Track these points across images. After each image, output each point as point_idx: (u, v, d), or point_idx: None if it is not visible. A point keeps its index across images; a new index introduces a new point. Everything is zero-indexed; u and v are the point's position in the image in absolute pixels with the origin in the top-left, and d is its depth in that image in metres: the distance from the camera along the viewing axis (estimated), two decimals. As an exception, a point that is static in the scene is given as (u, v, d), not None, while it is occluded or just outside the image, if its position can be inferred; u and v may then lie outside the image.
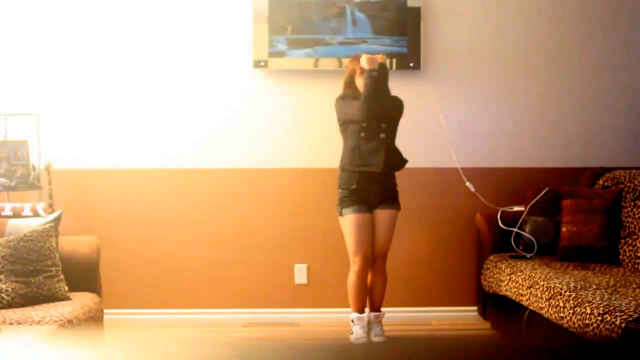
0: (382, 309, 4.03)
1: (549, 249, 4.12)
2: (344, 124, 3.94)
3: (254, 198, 4.52)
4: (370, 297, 4.00)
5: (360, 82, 3.85)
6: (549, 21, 4.56)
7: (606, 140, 4.61)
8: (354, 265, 3.88)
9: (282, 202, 4.48)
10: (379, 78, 3.81)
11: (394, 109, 3.96)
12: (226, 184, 4.51)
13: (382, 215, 3.92)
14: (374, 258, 3.93)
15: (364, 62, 3.84)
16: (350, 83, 3.94)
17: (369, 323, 3.99)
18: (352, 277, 3.90)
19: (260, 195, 4.51)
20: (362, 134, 3.86)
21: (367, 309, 4.02)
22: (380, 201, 3.92)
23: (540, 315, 3.46)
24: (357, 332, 3.92)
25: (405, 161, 4.01)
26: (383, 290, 4.00)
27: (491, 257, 4.18)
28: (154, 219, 4.48)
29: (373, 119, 3.84)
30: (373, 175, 3.87)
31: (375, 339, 3.95)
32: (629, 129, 4.61)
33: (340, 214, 3.91)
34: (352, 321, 3.94)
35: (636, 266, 3.82)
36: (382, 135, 3.88)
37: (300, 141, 4.48)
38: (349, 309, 3.97)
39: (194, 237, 4.50)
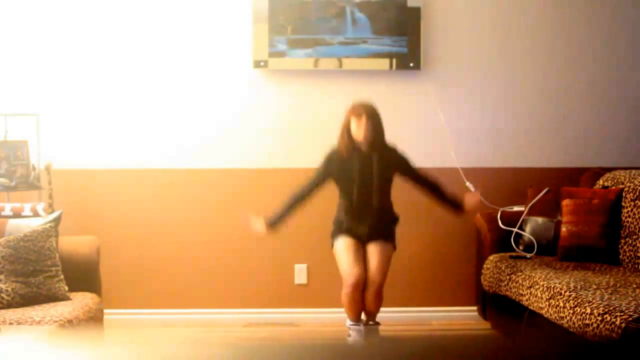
0: (381, 309, 4.02)
1: (549, 249, 4.12)
2: (338, 183, 3.89)
3: (254, 198, 4.52)
4: (365, 312, 3.91)
5: (354, 126, 3.76)
6: (549, 21, 4.56)
7: (606, 140, 4.61)
8: (345, 287, 3.77)
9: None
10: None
11: (388, 164, 3.87)
12: (226, 184, 4.51)
13: (373, 248, 3.82)
14: (368, 283, 3.77)
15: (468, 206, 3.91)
16: (346, 129, 3.82)
17: (365, 324, 3.95)
18: (344, 296, 3.80)
19: (260, 195, 4.51)
20: (354, 197, 3.82)
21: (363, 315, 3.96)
22: (372, 238, 3.84)
23: (540, 315, 3.46)
24: (355, 338, 3.87)
25: (397, 219, 3.97)
26: (378, 309, 3.89)
27: (491, 257, 4.18)
28: (154, 219, 4.48)
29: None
30: (364, 220, 3.83)
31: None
32: (629, 129, 4.61)
33: (332, 246, 3.88)
34: (350, 328, 3.91)
35: (636, 266, 3.81)
36: (374, 195, 3.83)
37: (301, 141, 4.48)
38: (361, 324, 3.97)
39: (194, 237, 4.50)
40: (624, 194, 4.02)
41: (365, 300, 3.83)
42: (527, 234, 4.19)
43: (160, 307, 4.49)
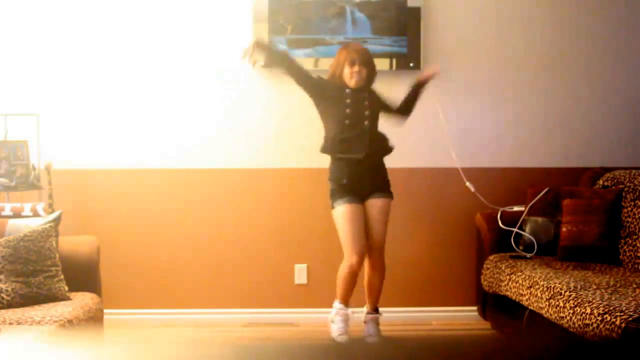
0: (380, 309, 4.03)
1: (549, 249, 4.12)
2: (327, 108, 3.90)
3: (254, 198, 4.52)
4: (369, 294, 3.96)
5: (347, 73, 3.82)
6: (549, 21, 4.56)
7: (606, 140, 4.61)
8: (348, 261, 3.78)
9: (282, 202, 4.48)
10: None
11: (376, 104, 3.95)
12: (226, 184, 4.51)
13: (375, 204, 3.85)
14: (369, 250, 3.85)
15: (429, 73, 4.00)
16: (337, 70, 3.87)
17: (366, 322, 3.99)
18: (344, 271, 3.80)
19: (260, 195, 4.51)
20: (347, 122, 3.83)
21: (365, 307, 4.02)
22: (371, 190, 3.86)
23: (540, 315, 3.46)
24: (337, 326, 3.87)
25: (391, 147, 3.97)
26: (381, 285, 3.94)
27: (491, 257, 4.18)
28: (154, 219, 4.48)
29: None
30: (362, 165, 3.82)
31: (369, 340, 3.89)
32: (629, 129, 4.61)
33: (333, 207, 3.86)
34: (335, 311, 3.88)
35: (636, 266, 3.82)
36: (366, 123, 3.84)
37: (301, 141, 4.48)
38: (349, 309, 3.96)
39: (194, 237, 4.50)
40: (624, 194, 4.02)
41: (367, 268, 3.87)
42: (527, 234, 4.19)
43: (160, 307, 4.49)
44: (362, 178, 3.84)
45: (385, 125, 4.11)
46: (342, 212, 3.79)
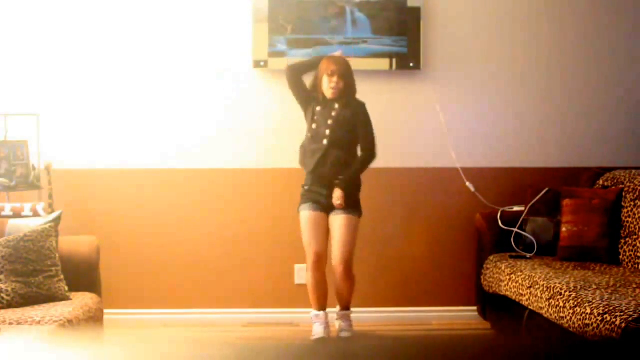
0: (381, 309, 4.03)
1: (549, 249, 4.12)
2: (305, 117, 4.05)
3: (254, 198, 4.52)
4: (338, 300, 4.02)
5: (325, 83, 3.91)
6: (549, 21, 4.56)
7: (606, 140, 4.61)
8: (308, 263, 3.92)
9: (282, 202, 4.48)
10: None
11: (358, 118, 3.97)
12: (226, 184, 4.51)
13: (335, 220, 3.91)
14: (335, 265, 3.88)
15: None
16: (318, 80, 3.96)
17: (337, 319, 4.04)
18: (307, 275, 3.95)
19: (260, 195, 4.51)
20: (309, 135, 3.98)
21: (337, 307, 4.06)
22: (332, 206, 3.92)
23: (540, 315, 3.46)
24: (315, 329, 3.95)
25: (355, 181, 3.97)
26: (350, 293, 3.97)
27: (491, 257, 4.18)
28: (154, 219, 4.48)
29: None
30: (323, 179, 3.92)
31: (342, 334, 3.97)
32: (629, 129, 4.61)
33: (298, 211, 3.98)
34: (312, 319, 3.97)
35: (636, 266, 3.82)
36: (325, 142, 3.92)
37: (301, 141, 4.47)
38: (324, 312, 3.98)
39: (194, 237, 4.50)
40: (624, 194, 4.02)
41: (335, 281, 3.92)
42: (527, 234, 4.19)
43: (160, 307, 4.48)
44: (321, 191, 3.93)
45: (386, 126, 4.12)
46: (302, 218, 3.94)
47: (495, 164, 4.57)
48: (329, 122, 3.92)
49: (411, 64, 4.45)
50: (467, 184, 4.46)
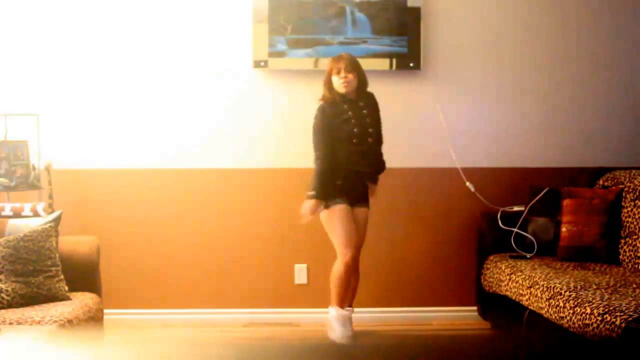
0: (380, 309, 4.04)
1: (549, 249, 4.12)
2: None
3: (254, 198, 4.52)
4: (352, 294, 4.09)
5: (336, 81, 3.93)
6: (549, 21, 4.56)
7: (606, 140, 4.61)
8: (344, 257, 3.92)
9: (282, 202, 4.48)
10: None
11: (374, 109, 4.07)
12: (226, 184, 4.51)
13: (360, 212, 4.03)
14: (356, 252, 4.01)
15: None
16: (328, 82, 3.98)
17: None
18: (341, 269, 3.93)
19: (260, 195, 4.51)
20: (355, 140, 3.94)
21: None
22: (358, 200, 4.02)
23: (540, 315, 3.46)
24: (341, 331, 3.93)
25: (384, 166, 4.14)
26: (357, 286, 4.09)
27: (491, 257, 4.18)
28: (154, 219, 4.48)
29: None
30: (357, 175, 3.99)
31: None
32: (629, 129, 4.62)
33: (327, 207, 3.94)
34: (335, 318, 3.95)
35: (636, 266, 3.82)
36: (370, 140, 3.99)
37: (301, 141, 4.47)
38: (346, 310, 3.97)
39: (194, 237, 4.50)
40: (624, 194, 4.02)
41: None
42: (527, 234, 4.19)
43: (160, 307, 4.49)
44: (355, 185, 4.00)
45: (386, 125, 4.12)
46: (338, 212, 3.94)
47: (495, 164, 4.57)
48: (368, 120, 3.98)
49: (411, 64, 4.45)
50: (467, 184, 4.46)
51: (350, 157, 3.94)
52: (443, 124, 4.47)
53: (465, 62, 4.54)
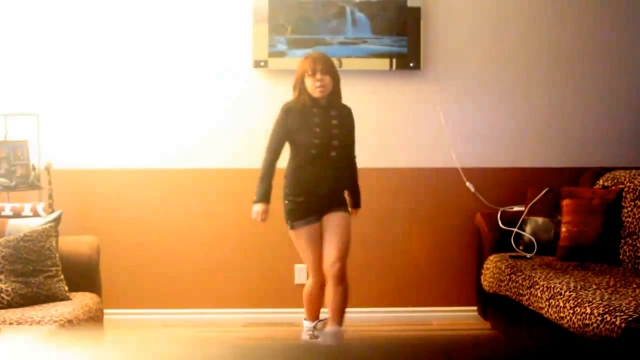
0: (380, 309, 4.02)
1: (549, 249, 4.12)
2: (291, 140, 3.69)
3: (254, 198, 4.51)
4: (330, 311, 3.70)
5: (310, 84, 3.57)
6: (549, 21, 4.56)
7: (606, 140, 4.61)
8: (311, 279, 3.75)
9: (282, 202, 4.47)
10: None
11: (347, 120, 3.69)
12: (226, 184, 4.51)
13: (333, 218, 3.63)
14: (330, 264, 3.61)
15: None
16: (300, 84, 3.63)
17: (325, 336, 3.76)
18: (307, 287, 3.78)
19: (260, 195, 4.51)
20: (313, 151, 3.60)
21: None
22: (330, 206, 3.64)
23: (540, 315, 3.46)
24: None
25: (354, 187, 3.78)
26: (344, 301, 3.67)
27: (491, 257, 4.18)
28: (154, 219, 4.48)
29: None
30: (315, 194, 3.62)
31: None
32: (629, 129, 4.61)
33: (292, 228, 3.66)
34: (304, 331, 3.85)
35: (636, 266, 3.82)
36: (334, 154, 3.60)
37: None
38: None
39: (194, 237, 4.50)
40: (624, 194, 4.02)
41: (328, 290, 3.67)
42: (527, 234, 4.19)
43: (160, 307, 4.48)
44: (320, 198, 3.63)
45: (386, 124, 4.12)
46: (302, 234, 3.65)
47: (495, 164, 4.57)
48: (335, 131, 3.61)
49: (411, 64, 4.45)
50: (467, 184, 4.46)
51: (306, 171, 3.60)
52: (443, 124, 4.47)
53: (466, 62, 4.54)
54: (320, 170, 3.60)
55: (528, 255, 4.07)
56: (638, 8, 4.59)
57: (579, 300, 3.16)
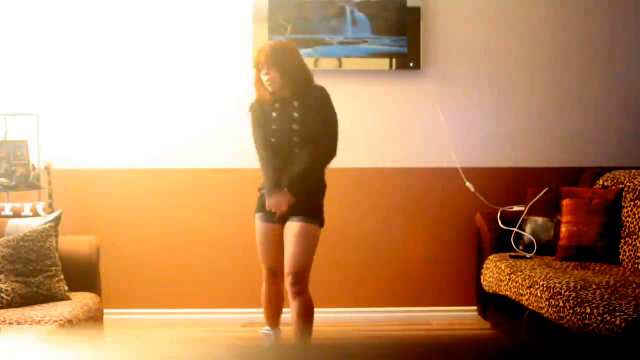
0: (380, 309, 4.01)
1: (549, 249, 4.12)
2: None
3: (255, 198, 4.51)
4: (294, 327, 3.53)
5: (263, 79, 3.33)
6: (549, 21, 4.56)
7: (606, 140, 4.61)
8: (263, 276, 3.63)
9: (282, 202, 4.48)
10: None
11: (312, 109, 3.35)
12: (226, 184, 4.51)
13: (290, 228, 3.36)
14: (287, 276, 3.41)
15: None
16: (259, 80, 3.39)
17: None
18: (263, 287, 3.66)
19: (260, 195, 4.51)
20: (273, 140, 3.39)
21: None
22: (291, 213, 3.36)
23: (540, 315, 3.46)
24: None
25: (312, 181, 3.41)
26: (305, 320, 3.41)
27: (491, 257, 4.18)
28: (154, 219, 4.48)
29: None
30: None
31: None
32: (629, 129, 4.61)
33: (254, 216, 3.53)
34: (262, 336, 3.70)
35: (636, 266, 3.81)
36: (297, 140, 3.35)
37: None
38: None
39: (194, 237, 4.50)
40: (624, 194, 4.02)
41: (291, 303, 3.49)
42: (527, 234, 4.19)
43: (160, 307, 4.48)
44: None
45: (387, 124, 4.12)
46: (256, 228, 3.52)
47: (495, 164, 4.57)
48: (295, 115, 3.32)
49: (411, 64, 4.45)
50: (467, 184, 4.46)
51: (272, 166, 3.38)
52: (443, 124, 4.47)
53: (465, 62, 4.54)
54: (283, 169, 3.37)
55: (528, 255, 4.07)
56: (638, 8, 4.58)
57: (579, 300, 3.16)
